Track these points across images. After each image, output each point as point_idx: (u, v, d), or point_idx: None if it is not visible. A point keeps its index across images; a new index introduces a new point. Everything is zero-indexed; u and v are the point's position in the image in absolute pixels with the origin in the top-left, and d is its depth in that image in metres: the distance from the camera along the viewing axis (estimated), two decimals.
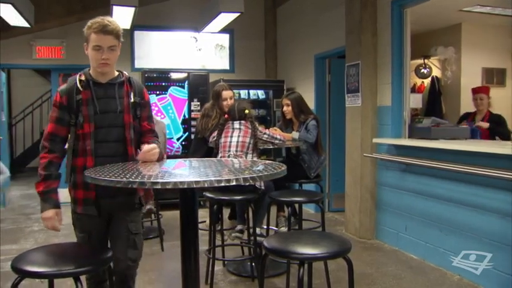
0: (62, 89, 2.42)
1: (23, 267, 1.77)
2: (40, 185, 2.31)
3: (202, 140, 4.25)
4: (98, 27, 2.33)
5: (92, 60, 2.38)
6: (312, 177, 4.38)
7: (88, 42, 2.37)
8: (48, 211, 2.32)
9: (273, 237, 2.26)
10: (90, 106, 2.38)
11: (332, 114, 6.32)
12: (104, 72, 2.41)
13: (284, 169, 1.99)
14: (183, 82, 6.86)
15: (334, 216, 6.08)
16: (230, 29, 7.50)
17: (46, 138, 2.37)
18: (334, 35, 5.71)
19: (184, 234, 2.07)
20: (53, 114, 2.40)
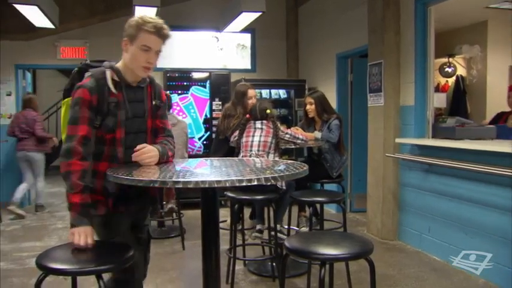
0: (90, 87, 2.14)
1: (47, 264, 1.80)
2: (76, 196, 2.05)
3: (223, 139, 4.25)
4: (153, 27, 2.17)
5: (135, 59, 2.20)
6: (334, 177, 4.35)
7: (133, 40, 2.17)
8: (86, 227, 2.04)
9: (294, 237, 2.25)
10: (122, 110, 2.21)
11: (354, 114, 6.26)
12: (141, 75, 2.27)
13: (306, 169, 1.97)
14: (205, 82, 6.90)
15: (356, 217, 6.03)
16: (252, 29, 7.50)
17: (80, 141, 2.09)
18: (356, 34, 5.66)
19: (205, 234, 2.07)
20: (83, 114, 2.13)
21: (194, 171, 2.39)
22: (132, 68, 2.22)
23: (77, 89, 2.15)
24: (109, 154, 2.21)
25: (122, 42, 2.22)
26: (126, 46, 2.21)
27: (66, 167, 2.07)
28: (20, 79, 6.98)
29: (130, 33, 2.18)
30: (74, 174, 2.04)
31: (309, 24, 7.48)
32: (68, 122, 2.15)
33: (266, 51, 7.82)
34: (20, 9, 5.11)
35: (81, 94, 2.12)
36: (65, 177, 2.06)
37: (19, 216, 6.12)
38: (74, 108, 2.14)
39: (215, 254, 2.05)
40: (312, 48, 7.33)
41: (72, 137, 2.11)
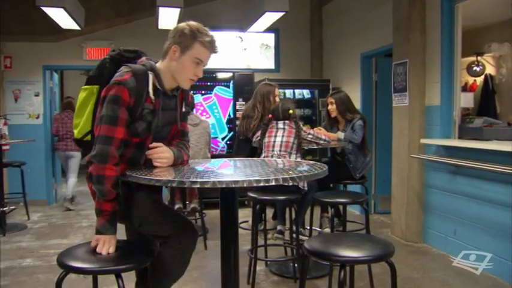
0: (130, 87, 2.02)
1: (67, 262, 1.82)
2: (108, 204, 1.99)
3: (244, 140, 4.24)
4: (210, 41, 2.14)
5: (184, 70, 2.12)
6: (357, 178, 4.29)
7: (186, 49, 2.09)
8: (111, 236, 1.99)
9: (314, 239, 2.23)
10: (156, 118, 2.14)
11: (379, 114, 6.17)
12: (185, 87, 2.23)
13: (325, 170, 1.94)
14: (228, 82, 6.91)
15: (380, 218, 5.95)
16: (275, 29, 7.48)
17: (117, 146, 2.01)
18: (381, 33, 5.58)
19: (224, 234, 2.07)
20: (122, 115, 2.02)
21: (218, 171, 2.38)
22: (177, 77, 2.15)
23: (117, 84, 2.01)
24: (130, 157, 2.14)
25: (170, 48, 2.12)
26: (175, 54, 2.11)
27: (100, 170, 1.97)
28: (48, 80, 7.12)
29: (183, 41, 2.09)
30: (108, 180, 1.97)
31: (333, 24, 7.42)
32: (104, 120, 2.01)
33: (290, 51, 7.78)
34: (47, 11, 5.20)
35: (121, 93, 2.01)
36: (98, 181, 1.97)
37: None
38: (113, 107, 2.01)
39: (234, 255, 2.04)
40: (336, 48, 7.26)
41: (109, 139, 2.00)
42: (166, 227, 2.13)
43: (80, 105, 2.26)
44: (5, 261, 4.31)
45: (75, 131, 2.30)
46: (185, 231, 2.17)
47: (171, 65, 2.14)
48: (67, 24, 5.80)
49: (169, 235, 2.10)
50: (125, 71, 2.07)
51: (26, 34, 6.71)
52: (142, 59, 2.20)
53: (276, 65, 7.83)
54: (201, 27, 2.15)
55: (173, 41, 2.12)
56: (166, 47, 2.16)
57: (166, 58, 2.16)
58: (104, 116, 2.02)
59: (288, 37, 7.75)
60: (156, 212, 2.19)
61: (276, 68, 7.82)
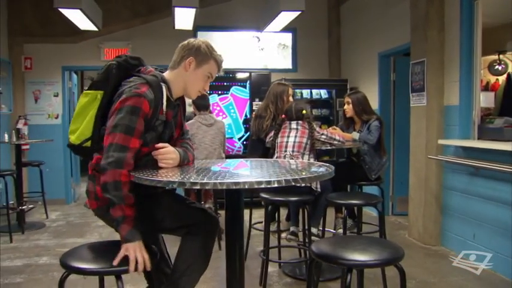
0: (150, 99, 2.03)
1: (70, 262, 1.82)
2: (129, 209, 1.94)
3: (257, 140, 4.20)
4: (220, 60, 2.24)
5: (196, 83, 2.21)
6: (373, 179, 4.22)
7: (202, 63, 2.18)
8: (140, 242, 1.93)
9: (322, 241, 2.18)
10: (168, 130, 2.18)
11: (397, 115, 6.08)
12: (191, 98, 2.33)
13: (329, 172, 1.88)
14: (245, 82, 6.89)
15: (398, 220, 5.85)
16: (293, 28, 7.43)
17: (132, 155, 2.00)
18: (399, 31, 5.48)
19: (229, 235, 2.04)
20: (139, 127, 2.01)
21: (233, 171, 2.37)
22: (188, 88, 2.22)
23: (137, 96, 2.01)
24: (138, 166, 2.10)
25: (185, 59, 2.18)
26: (191, 66, 2.18)
27: (117, 176, 1.93)
28: (67, 80, 7.21)
29: (200, 55, 2.18)
30: (125, 185, 1.94)
31: (351, 23, 7.33)
32: (120, 129, 1.97)
33: (307, 50, 7.72)
34: (65, 13, 5.27)
35: (141, 104, 2.00)
36: (116, 187, 1.92)
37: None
38: (131, 117, 1.99)
39: (239, 254, 2.01)
40: (354, 47, 7.17)
41: (125, 148, 1.98)
42: (191, 215, 2.21)
43: (80, 110, 2.21)
44: (22, 258, 4.37)
45: (72, 136, 2.22)
46: (208, 217, 2.25)
47: (183, 75, 2.20)
48: (85, 25, 5.87)
49: (194, 223, 2.17)
50: (140, 82, 2.07)
51: (45, 36, 6.80)
52: (151, 69, 2.22)
53: (294, 65, 7.78)
54: (212, 45, 2.26)
55: (189, 53, 2.19)
56: (180, 57, 2.21)
57: (178, 68, 2.21)
58: (119, 125, 1.98)
59: (305, 36, 7.69)
60: (178, 202, 2.29)
61: (293, 67, 7.77)
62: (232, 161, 2.98)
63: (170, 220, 2.18)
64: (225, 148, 5.14)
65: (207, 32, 7.48)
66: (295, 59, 7.78)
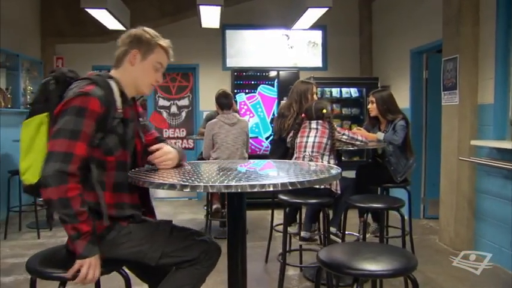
0: (100, 96, 1.82)
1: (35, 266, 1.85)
2: (84, 225, 1.74)
3: (279, 140, 4.09)
4: (168, 46, 2.07)
5: (145, 76, 2.03)
6: (398, 181, 4.03)
7: (147, 54, 2.01)
8: (96, 257, 1.79)
9: (331, 248, 2.06)
10: (128, 129, 1.95)
11: (429, 114, 5.84)
12: (146, 94, 2.12)
13: (332, 175, 1.76)
14: (273, 80, 6.80)
15: (429, 224, 5.61)
16: (323, 25, 7.30)
17: (77, 164, 1.74)
18: (432, 26, 5.24)
19: (230, 240, 1.95)
20: (87, 128, 1.77)
21: (260, 172, 2.31)
22: (138, 83, 2.03)
23: (81, 96, 1.79)
24: (114, 182, 1.91)
25: (128, 54, 2.01)
26: (135, 59, 2.00)
27: (62, 193, 1.69)
28: None
29: (145, 45, 2.01)
30: (75, 200, 1.72)
31: (382, 19, 7.10)
32: (63, 134, 1.74)
33: (338, 48, 7.54)
34: (92, 12, 5.31)
35: (88, 103, 1.78)
36: (63, 205, 1.70)
37: None
38: (76, 119, 1.75)
39: (241, 264, 1.93)
40: (386, 44, 6.94)
41: (68, 155, 1.72)
42: (194, 249, 1.98)
43: (29, 143, 1.91)
44: None
45: (26, 176, 1.91)
46: (211, 246, 2.05)
47: (131, 70, 2.02)
48: (112, 25, 5.91)
49: (198, 256, 1.97)
50: (85, 83, 1.87)
51: (76, 36, 6.92)
52: (92, 72, 2.03)
53: (324, 63, 7.62)
54: (156, 32, 2.08)
55: (131, 46, 2.02)
56: (123, 52, 2.04)
57: (123, 64, 2.04)
58: (61, 129, 1.75)
59: (336, 34, 7.52)
60: (177, 237, 2.00)
61: (323, 66, 7.62)
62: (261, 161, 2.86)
63: (170, 259, 1.96)
64: (249, 148, 5.06)
65: (236, 30, 7.44)
66: (325, 57, 7.62)
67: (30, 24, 6.64)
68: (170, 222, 2.05)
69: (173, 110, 7.71)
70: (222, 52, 7.43)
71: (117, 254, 1.90)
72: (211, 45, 7.33)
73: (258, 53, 7.48)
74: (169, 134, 7.72)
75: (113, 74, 2.03)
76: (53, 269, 1.86)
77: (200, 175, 1.93)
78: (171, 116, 7.71)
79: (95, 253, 1.78)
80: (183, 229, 2.09)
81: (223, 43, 7.42)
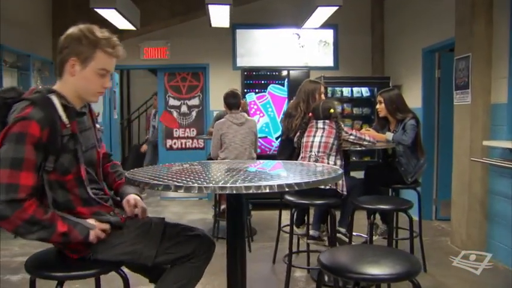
0: (39, 118, 1.68)
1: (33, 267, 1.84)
2: (61, 227, 1.72)
3: (287, 140, 4.04)
4: (113, 48, 1.85)
5: (89, 85, 1.85)
6: (409, 182, 3.95)
7: (87, 61, 1.81)
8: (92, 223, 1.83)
9: (332, 251, 2.02)
10: (79, 144, 1.83)
11: (441, 114, 5.74)
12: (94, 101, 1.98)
13: (331, 177, 1.72)
14: (283, 80, 6.76)
15: (441, 225, 5.52)
16: (334, 24, 7.23)
17: (23, 191, 1.65)
18: (445, 25, 5.14)
19: (230, 241, 1.92)
20: (30, 156, 1.65)
21: (269, 172, 2.27)
22: (82, 94, 1.87)
23: (20, 121, 1.66)
24: (79, 198, 1.86)
25: (66, 62, 1.82)
26: (74, 68, 1.81)
27: (23, 215, 1.64)
28: None
29: (83, 51, 1.80)
30: (38, 213, 1.67)
31: (395, 18, 7.00)
32: (3, 165, 1.63)
33: (349, 47, 7.46)
34: (101, 12, 5.31)
35: (27, 128, 1.65)
36: (32, 224, 1.66)
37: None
38: (16, 147, 1.63)
39: (241, 265, 1.89)
40: (398, 43, 6.85)
41: (13, 187, 1.62)
42: (188, 244, 1.96)
43: None
44: None
45: None
46: (205, 240, 2.03)
47: (72, 82, 1.84)
48: (122, 25, 5.90)
49: (193, 251, 1.95)
50: (23, 106, 1.73)
51: None
52: (33, 87, 1.87)
53: (335, 62, 7.55)
54: (98, 30, 1.84)
55: (68, 54, 1.82)
56: (60, 62, 1.85)
57: (64, 76, 1.86)
58: (2, 159, 1.63)
59: (347, 33, 7.44)
60: (170, 234, 1.98)
61: (334, 65, 7.54)
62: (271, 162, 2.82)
63: (166, 256, 1.93)
64: (257, 147, 5.02)
65: (246, 30, 7.41)
66: (336, 56, 7.55)
67: (41, 24, 6.68)
68: (163, 220, 2.04)
69: (183, 110, 7.71)
70: (232, 52, 7.41)
71: (113, 255, 1.89)
72: (222, 44, 7.31)
73: (269, 53, 7.44)
74: (180, 134, 7.73)
75: (56, 86, 1.89)
76: (50, 269, 1.86)
77: (204, 175, 1.91)
78: (181, 116, 7.71)
79: (89, 227, 1.80)
80: (175, 225, 2.06)
81: (233, 42, 7.39)
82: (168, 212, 6.52)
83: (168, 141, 7.74)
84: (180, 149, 7.73)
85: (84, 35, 1.81)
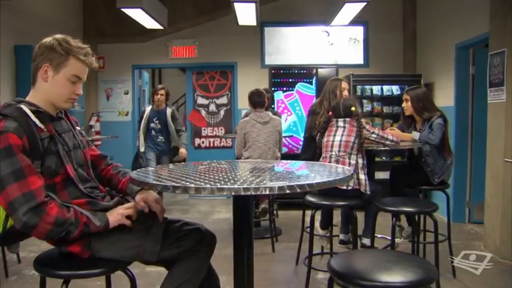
0: (14, 128, 1.70)
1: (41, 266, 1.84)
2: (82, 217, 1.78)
3: (310, 138, 3.95)
4: (85, 54, 1.89)
5: (60, 92, 1.87)
6: (436, 183, 3.79)
7: (59, 68, 1.84)
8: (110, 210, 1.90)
9: (343, 256, 1.93)
10: (59, 144, 1.85)
11: (476, 112, 5.50)
12: (67, 108, 1.98)
13: (338, 179, 1.63)
14: (311, 78, 6.65)
15: (474, 229, 5.29)
16: (365, 21, 7.08)
17: (39, 193, 1.69)
18: (479, 19, 4.90)
19: (236, 243, 1.86)
20: (24, 163, 1.68)
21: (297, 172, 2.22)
22: (53, 100, 1.89)
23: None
24: (70, 197, 1.86)
25: (39, 69, 1.85)
26: (47, 74, 1.84)
27: (51, 219, 1.68)
28: (137, 79, 7.43)
29: (56, 58, 1.83)
30: (61, 213, 1.72)
31: (428, 13, 6.77)
32: (7, 181, 1.65)
33: (380, 44, 7.26)
34: (128, 12, 5.37)
35: (9, 140, 1.67)
36: (60, 225, 1.70)
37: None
38: (10, 160, 1.66)
39: (247, 268, 1.82)
40: (431, 40, 6.61)
41: (26, 195, 1.65)
42: (188, 238, 1.98)
43: None
44: None
45: None
46: (206, 233, 2.05)
47: (45, 88, 1.87)
48: (150, 24, 5.96)
49: (194, 245, 1.97)
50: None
51: (117, 35, 7.04)
52: (2, 104, 1.87)
53: (365, 60, 7.38)
54: (72, 40, 1.89)
55: (42, 60, 1.85)
56: (34, 68, 1.88)
57: (37, 82, 1.89)
58: (2, 178, 1.65)
59: (378, 30, 7.25)
60: (171, 229, 2.00)
61: (364, 62, 7.37)
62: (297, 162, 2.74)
63: (169, 252, 1.94)
64: (282, 147, 4.95)
65: (274, 28, 7.33)
66: (366, 53, 7.37)
67: (72, 24, 6.81)
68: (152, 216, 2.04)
69: (212, 109, 7.71)
70: (260, 50, 7.35)
71: (116, 252, 1.88)
72: (250, 43, 7.26)
73: (297, 51, 7.34)
74: (208, 133, 7.73)
75: (28, 96, 1.90)
76: (56, 267, 1.86)
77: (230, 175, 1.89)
78: (209, 115, 7.71)
79: (106, 217, 1.85)
80: (175, 221, 2.08)
81: (261, 41, 7.33)
82: (195, 211, 6.52)
83: (197, 140, 7.75)
84: (208, 148, 7.73)
85: (58, 42, 1.86)
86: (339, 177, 1.63)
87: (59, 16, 6.34)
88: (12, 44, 5.25)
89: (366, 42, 7.38)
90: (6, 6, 5.05)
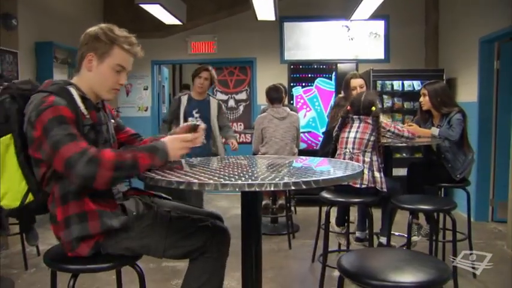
0: (64, 103, 1.73)
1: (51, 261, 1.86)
2: (143, 155, 1.72)
3: (329, 134, 3.89)
4: (130, 44, 1.91)
5: (104, 81, 1.88)
6: (458, 179, 3.68)
7: (104, 57, 1.85)
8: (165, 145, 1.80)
9: (353, 254, 1.89)
10: (100, 134, 1.88)
11: (500, 109, 5.35)
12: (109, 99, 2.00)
13: (345, 176, 1.59)
14: (330, 73, 6.57)
15: (498, 228, 5.16)
16: (385, 15, 6.95)
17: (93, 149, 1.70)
18: (504, 12, 4.76)
19: (244, 239, 1.84)
20: (75, 131, 1.70)
21: (315, 169, 2.18)
22: (97, 89, 1.90)
23: (48, 108, 1.68)
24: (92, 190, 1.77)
25: (84, 57, 1.87)
26: (91, 63, 1.87)
27: (109, 165, 1.64)
28: (156, 74, 7.46)
29: (101, 47, 1.85)
30: (120, 157, 1.68)
31: (450, 6, 6.60)
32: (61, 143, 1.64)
33: (401, 39, 7.12)
34: (146, 8, 5.38)
35: (60, 112, 1.69)
36: (118, 167, 1.66)
37: None
38: (61, 126, 1.67)
39: (255, 265, 1.80)
40: (454, 34, 6.45)
41: (81, 151, 1.64)
42: (197, 236, 1.90)
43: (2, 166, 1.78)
44: None
45: (4, 201, 1.79)
46: (216, 231, 1.96)
47: (88, 77, 1.89)
48: (169, 19, 5.97)
49: (204, 244, 1.89)
50: (43, 96, 1.75)
51: (136, 31, 7.00)
52: (49, 81, 1.89)
53: (386, 55, 7.25)
54: (117, 29, 1.90)
55: (87, 49, 1.86)
56: (80, 56, 1.90)
57: (81, 70, 1.91)
58: (56, 142, 1.64)
59: (399, 24, 7.11)
60: (177, 226, 1.93)
61: (385, 57, 7.25)
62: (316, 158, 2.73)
63: (175, 251, 1.90)
64: (299, 142, 4.90)
65: (293, 23, 7.27)
66: (387, 48, 7.24)
67: (92, 20, 6.78)
68: (169, 212, 1.99)
69: (231, 104, 7.70)
70: (279, 45, 7.29)
71: (122, 249, 1.87)
72: (269, 38, 7.21)
73: (317, 46, 7.27)
74: None
75: (74, 80, 1.93)
76: (66, 262, 1.87)
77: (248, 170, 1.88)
78: (228, 110, 7.70)
79: (164, 153, 1.77)
80: (182, 217, 1.99)
81: (280, 36, 7.27)
82: (213, 207, 6.52)
83: None
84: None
85: (103, 32, 1.87)
86: (346, 174, 1.58)
87: (79, 13, 6.40)
88: (33, 41, 5.32)
89: (386, 37, 7.25)
90: (27, 4, 5.12)
